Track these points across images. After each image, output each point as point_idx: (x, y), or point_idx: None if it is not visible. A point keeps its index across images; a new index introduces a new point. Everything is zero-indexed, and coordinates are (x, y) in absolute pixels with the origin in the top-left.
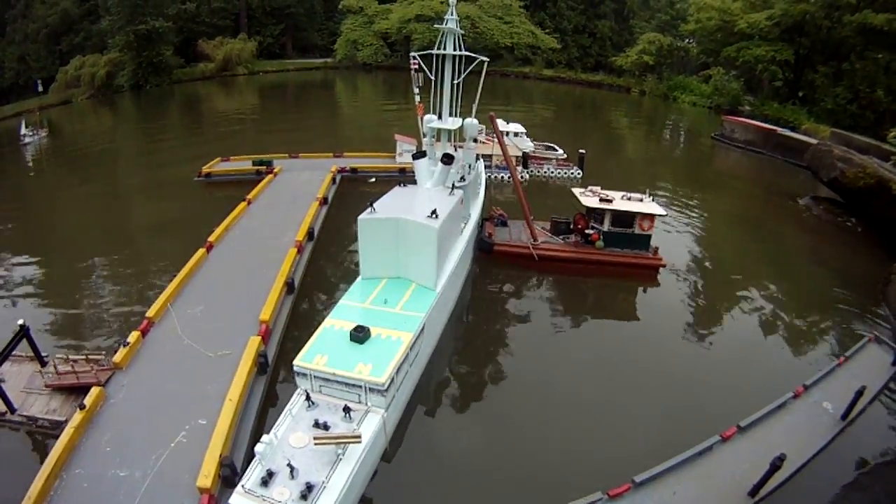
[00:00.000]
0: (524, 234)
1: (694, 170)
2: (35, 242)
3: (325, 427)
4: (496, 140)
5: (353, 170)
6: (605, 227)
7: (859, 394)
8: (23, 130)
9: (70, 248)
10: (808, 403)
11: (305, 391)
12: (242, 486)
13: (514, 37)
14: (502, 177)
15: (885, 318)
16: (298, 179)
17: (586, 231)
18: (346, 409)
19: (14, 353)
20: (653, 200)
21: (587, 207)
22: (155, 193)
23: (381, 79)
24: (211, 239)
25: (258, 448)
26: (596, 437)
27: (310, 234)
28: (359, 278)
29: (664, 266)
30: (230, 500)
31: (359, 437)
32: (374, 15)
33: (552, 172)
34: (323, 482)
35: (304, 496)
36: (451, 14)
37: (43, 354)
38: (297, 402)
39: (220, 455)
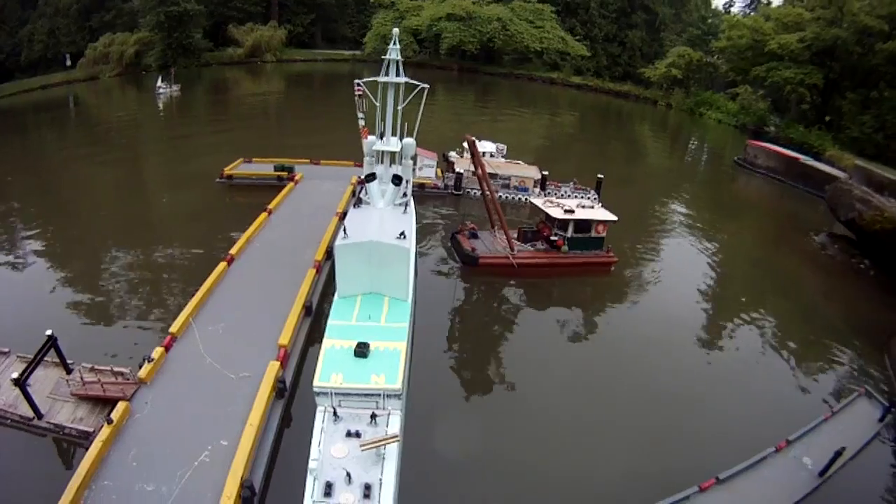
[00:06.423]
0: (496, 244)
1: (713, 195)
2: (52, 237)
3: (358, 435)
4: (509, 160)
5: None
6: (570, 233)
7: (838, 454)
8: (159, 83)
9: (92, 246)
10: (789, 458)
11: (333, 407)
12: (313, 501)
13: (544, 41)
14: (521, 198)
15: (884, 373)
16: (320, 189)
17: (551, 237)
18: (373, 416)
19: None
20: (602, 206)
21: (550, 216)
22: (176, 197)
23: (409, 75)
24: (232, 251)
25: (311, 465)
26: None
27: (328, 253)
28: (335, 297)
29: (616, 262)
30: None
31: (397, 436)
32: (405, 11)
33: (569, 196)
34: (379, 480)
35: (366, 495)
36: (395, 44)
37: (69, 362)
38: (323, 418)
39: (242, 477)
